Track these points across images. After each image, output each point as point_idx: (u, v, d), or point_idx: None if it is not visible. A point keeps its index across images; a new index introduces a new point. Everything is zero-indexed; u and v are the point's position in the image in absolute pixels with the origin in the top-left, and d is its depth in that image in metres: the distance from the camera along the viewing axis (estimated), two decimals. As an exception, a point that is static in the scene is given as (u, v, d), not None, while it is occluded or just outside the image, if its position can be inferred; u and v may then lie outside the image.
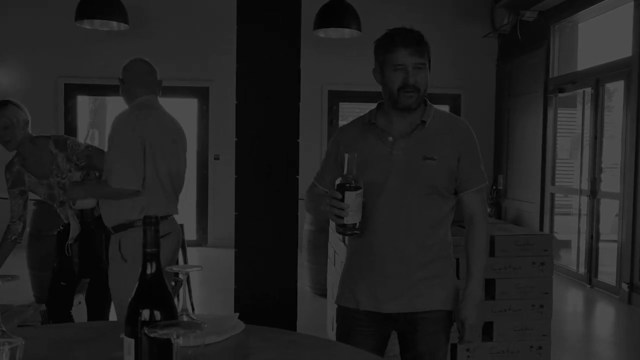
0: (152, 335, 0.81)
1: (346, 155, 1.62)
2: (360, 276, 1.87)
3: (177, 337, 0.80)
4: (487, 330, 3.01)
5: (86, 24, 5.65)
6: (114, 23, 5.62)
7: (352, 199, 1.60)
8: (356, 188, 1.61)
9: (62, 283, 3.00)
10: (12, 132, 2.85)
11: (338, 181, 1.63)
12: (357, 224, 1.65)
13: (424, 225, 1.81)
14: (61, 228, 3.01)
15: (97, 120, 10.00)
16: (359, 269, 1.88)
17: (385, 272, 1.81)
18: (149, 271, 0.99)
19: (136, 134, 2.51)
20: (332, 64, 7.55)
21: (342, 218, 1.62)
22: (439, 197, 1.82)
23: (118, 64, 3.18)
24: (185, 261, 4.41)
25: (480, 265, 1.85)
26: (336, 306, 1.96)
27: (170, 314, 0.97)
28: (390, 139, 1.80)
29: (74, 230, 2.91)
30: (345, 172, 1.63)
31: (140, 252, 2.55)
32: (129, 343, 0.97)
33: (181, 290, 1.37)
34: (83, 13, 5.36)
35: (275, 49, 2.71)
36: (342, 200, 1.60)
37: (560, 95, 6.82)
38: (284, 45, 2.71)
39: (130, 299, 0.99)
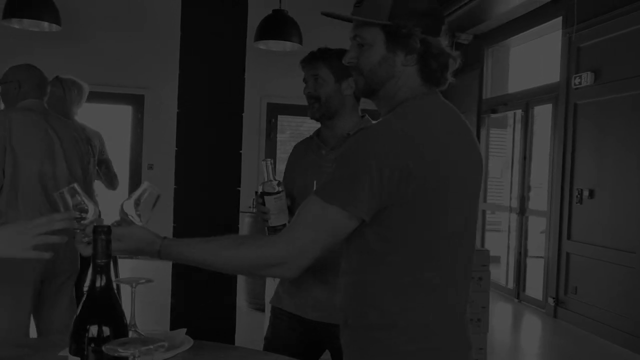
0: (112, 354, 0.74)
1: (262, 162, 1.73)
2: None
3: (138, 355, 0.74)
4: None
5: (14, 23, 5.35)
6: (45, 24, 5.35)
7: (272, 203, 1.70)
8: (275, 192, 1.70)
9: None
10: None
11: (259, 189, 1.74)
12: (282, 226, 1.70)
13: None
14: None
15: None
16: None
17: (309, 280, 1.83)
18: (98, 284, 0.92)
19: None
20: (272, 76, 7.52)
21: (267, 221, 1.73)
22: None
23: (48, 65, 3.03)
24: (116, 274, 4.24)
25: None
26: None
27: (121, 331, 0.91)
28: (324, 152, 1.90)
29: None
30: (265, 179, 1.73)
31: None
32: (73, 362, 0.90)
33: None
34: (11, 11, 5.08)
35: (220, 58, 2.66)
36: (264, 204, 1.71)
37: (493, 115, 7.06)
38: (228, 55, 2.67)
39: (75, 314, 0.91)
